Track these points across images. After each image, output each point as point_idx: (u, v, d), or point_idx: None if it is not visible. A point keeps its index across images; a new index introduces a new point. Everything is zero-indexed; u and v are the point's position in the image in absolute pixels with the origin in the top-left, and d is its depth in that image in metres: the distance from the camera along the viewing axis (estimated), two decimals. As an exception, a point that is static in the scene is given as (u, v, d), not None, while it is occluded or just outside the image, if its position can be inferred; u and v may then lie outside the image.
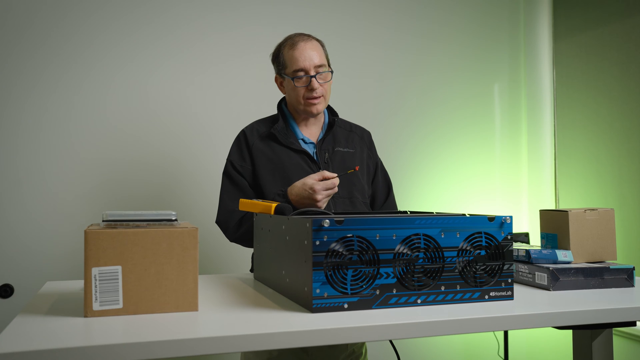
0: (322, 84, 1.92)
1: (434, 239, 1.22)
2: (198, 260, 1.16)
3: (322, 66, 1.92)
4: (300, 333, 1.04)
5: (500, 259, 1.26)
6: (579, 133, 2.95)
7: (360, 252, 1.17)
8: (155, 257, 1.13)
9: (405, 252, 1.20)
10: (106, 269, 1.10)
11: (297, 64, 1.90)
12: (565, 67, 3.07)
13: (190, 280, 1.16)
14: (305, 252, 1.17)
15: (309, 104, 1.92)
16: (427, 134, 3.11)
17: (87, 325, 1.06)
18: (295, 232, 1.24)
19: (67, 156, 2.59)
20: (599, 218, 1.50)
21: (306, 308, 1.17)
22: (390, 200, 2.12)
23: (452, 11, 3.17)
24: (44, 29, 2.57)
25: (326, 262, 1.14)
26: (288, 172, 1.92)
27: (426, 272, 1.21)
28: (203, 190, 2.73)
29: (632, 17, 2.65)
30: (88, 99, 2.62)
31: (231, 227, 1.89)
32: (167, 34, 2.72)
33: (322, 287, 1.14)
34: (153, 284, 1.13)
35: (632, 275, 1.42)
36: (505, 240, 1.27)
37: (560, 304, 1.23)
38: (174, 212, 1.25)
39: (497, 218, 1.26)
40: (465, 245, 1.24)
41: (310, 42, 1.94)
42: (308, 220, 1.15)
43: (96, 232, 1.10)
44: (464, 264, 1.24)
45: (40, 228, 2.54)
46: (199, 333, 1.03)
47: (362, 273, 1.17)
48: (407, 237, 1.20)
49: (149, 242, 1.13)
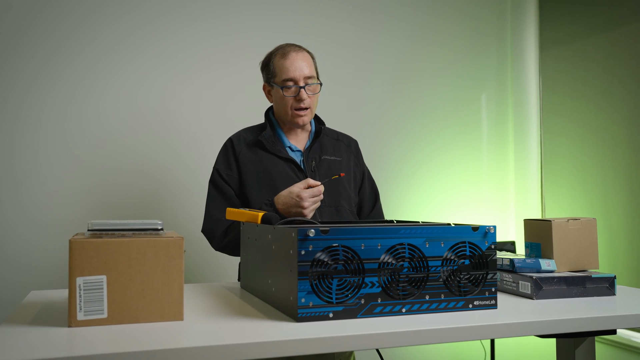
0: (310, 95, 1.93)
1: (419, 249, 1.23)
2: (184, 270, 1.16)
3: (312, 78, 1.93)
4: (285, 342, 1.04)
5: (484, 269, 1.27)
6: (564, 142, 2.98)
7: (346, 262, 1.18)
8: (141, 267, 1.13)
9: (390, 262, 1.21)
10: (91, 279, 1.10)
11: (287, 74, 1.91)
12: (551, 78, 3.11)
13: (175, 290, 1.16)
14: (291, 262, 1.17)
15: (296, 115, 1.93)
16: (414, 142, 3.13)
17: (71, 335, 1.06)
18: (281, 242, 1.24)
19: (52, 164, 2.58)
20: (582, 227, 1.52)
21: (291, 317, 1.18)
22: (377, 209, 2.13)
23: (440, 24, 3.20)
24: (41, 34, 2.57)
25: (311, 271, 1.15)
26: (275, 180, 1.92)
27: (411, 281, 1.22)
28: (192, 198, 2.73)
29: (615, 29, 2.69)
30: (81, 106, 2.62)
31: (217, 236, 1.90)
32: (158, 41, 2.73)
33: (308, 297, 1.15)
34: (138, 293, 1.13)
35: (614, 284, 1.44)
36: (489, 249, 1.28)
37: (543, 313, 1.24)
38: (160, 221, 1.25)
39: (481, 228, 1.28)
40: (449, 254, 1.25)
41: (301, 53, 1.95)
42: (294, 229, 1.16)
43: (81, 241, 1.10)
44: (448, 274, 1.25)
45: (23, 236, 2.52)
46: (183, 343, 1.02)
47: (347, 282, 1.17)
48: (392, 246, 1.21)
49: (135, 251, 1.13)
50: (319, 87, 1.96)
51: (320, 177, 1.96)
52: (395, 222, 1.65)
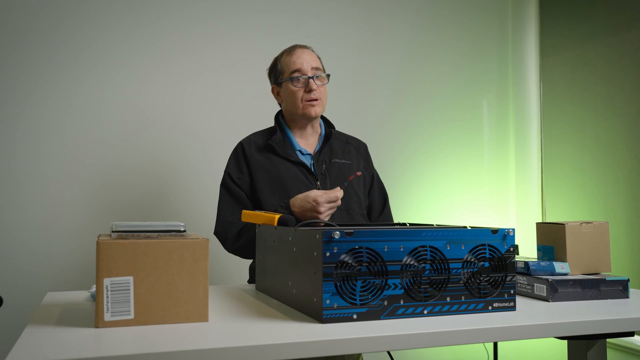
0: (319, 86, 1.96)
1: (440, 251, 1.24)
2: (209, 271, 1.17)
3: (319, 69, 1.98)
4: (313, 343, 1.05)
5: (503, 271, 1.29)
6: (565, 147, 3.01)
7: (369, 264, 1.19)
8: (167, 268, 1.14)
9: (413, 264, 1.22)
10: (118, 280, 1.11)
11: (294, 66, 1.96)
12: (551, 83, 3.14)
13: (200, 291, 1.16)
14: (315, 263, 1.18)
15: (307, 106, 1.96)
16: (416, 146, 3.15)
17: (99, 335, 1.07)
18: (303, 244, 1.25)
19: (53, 166, 2.58)
20: (594, 231, 1.54)
21: (315, 319, 1.19)
22: (386, 212, 2.14)
23: (441, 29, 3.23)
24: (42, 35, 2.57)
25: (336, 273, 1.16)
26: (286, 184, 1.94)
27: (432, 283, 1.24)
28: (196, 199, 2.73)
29: (615, 35, 2.73)
30: (84, 105, 2.62)
31: (230, 238, 1.90)
32: (160, 42, 2.73)
33: (332, 298, 1.16)
34: (164, 294, 1.14)
35: (627, 287, 1.46)
36: (508, 252, 1.30)
37: (561, 315, 1.26)
38: (183, 223, 1.26)
39: (500, 230, 1.29)
40: (469, 257, 1.27)
41: (307, 49, 2.02)
42: (318, 232, 1.17)
43: (108, 242, 1.11)
44: (468, 276, 1.26)
45: (23, 240, 2.52)
46: (211, 344, 1.03)
47: (370, 284, 1.19)
48: (414, 249, 1.22)
49: (161, 252, 1.14)
50: (327, 78, 2.00)
51: (330, 180, 1.97)
52: (408, 225, 1.66)
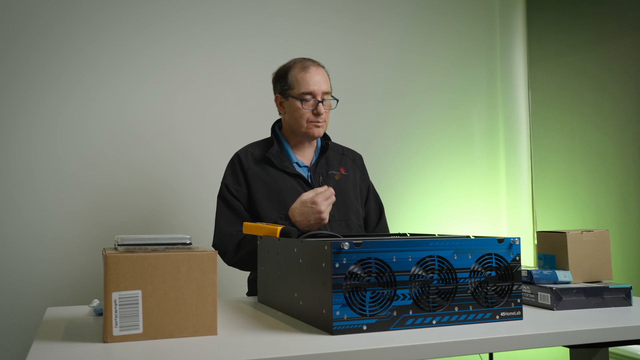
0: (326, 110, 1.96)
1: (448, 261, 1.25)
2: (217, 285, 1.16)
3: (328, 94, 1.97)
4: (325, 355, 1.04)
5: (510, 280, 1.30)
6: (554, 155, 3.05)
7: (378, 274, 1.19)
8: (175, 281, 1.13)
9: (421, 274, 1.22)
10: (126, 294, 1.09)
11: (307, 87, 1.93)
12: (540, 92, 3.18)
13: (209, 304, 1.15)
14: (324, 275, 1.18)
15: (312, 127, 1.95)
16: (407, 157, 3.17)
17: (108, 351, 1.05)
18: (311, 255, 1.25)
19: (45, 176, 2.55)
20: (595, 239, 1.56)
21: (325, 330, 1.18)
22: (382, 222, 2.14)
23: (431, 40, 3.25)
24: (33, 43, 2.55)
25: (345, 284, 1.16)
26: (283, 196, 1.93)
27: (440, 293, 1.24)
28: (189, 210, 2.71)
29: (603, 45, 2.77)
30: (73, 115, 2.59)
31: (229, 250, 1.89)
32: (152, 48, 2.72)
33: (342, 309, 1.15)
34: (173, 308, 1.12)
35: (630, 295, 1.47)
36: (514, 261, 1.30)
37: (568, 323, 1.26)
38: (188, 235, 1.25)
39: (506, 240, 1.30)
40: (476, 266, 1.27)
41: (320, 69, 1.99)
42: (327, 243, 1.17)
43: (116, 256, 1.09)
44: (475, 285, 1.27)
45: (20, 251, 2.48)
46: (222, 357, 1.02)
47: (380, 295, 1.18)
48: (422, 259, 1.22)
49: (169, 266, 1.12)
50: (334, 104, 2.00)
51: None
52: (408, 235, 1.67)
